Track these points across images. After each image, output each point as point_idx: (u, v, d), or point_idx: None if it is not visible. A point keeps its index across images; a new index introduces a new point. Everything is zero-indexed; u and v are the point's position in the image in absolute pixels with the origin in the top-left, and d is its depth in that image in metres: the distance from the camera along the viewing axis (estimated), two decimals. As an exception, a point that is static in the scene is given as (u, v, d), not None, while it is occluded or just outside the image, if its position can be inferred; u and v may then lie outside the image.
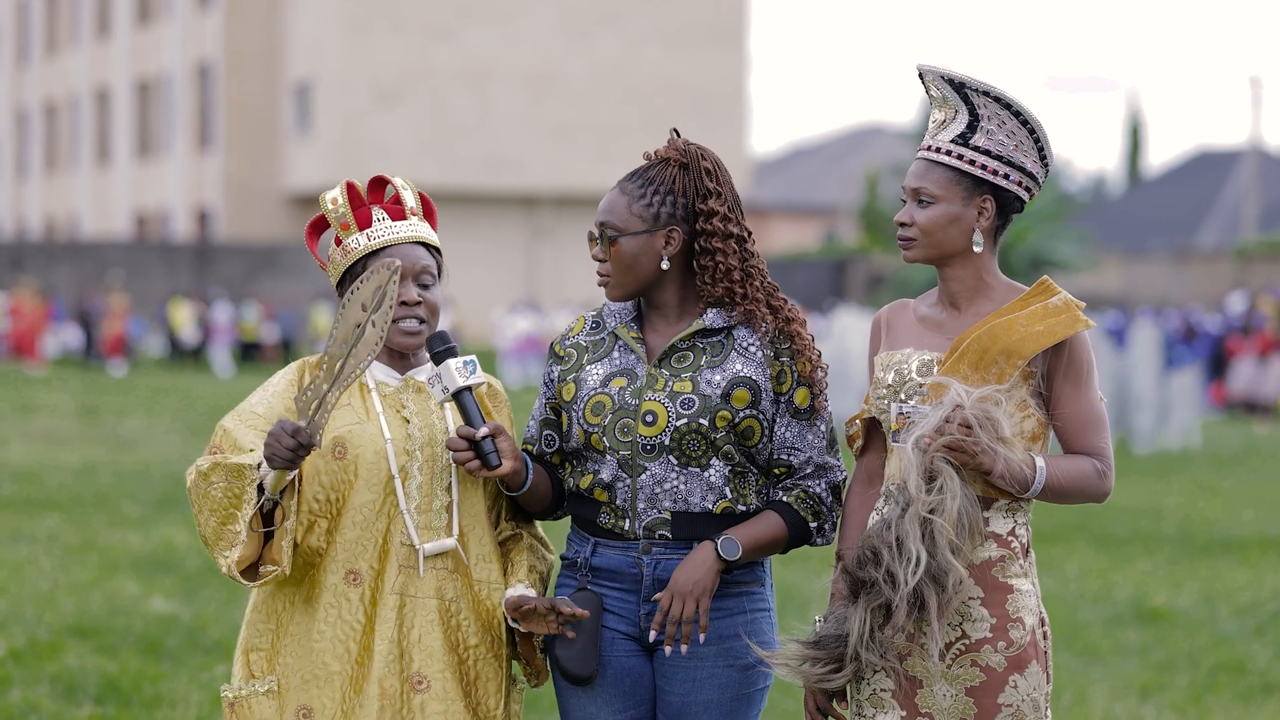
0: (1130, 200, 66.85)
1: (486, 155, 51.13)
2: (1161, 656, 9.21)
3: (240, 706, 4.10)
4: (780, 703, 7.75)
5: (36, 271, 44.36)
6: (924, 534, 3.81)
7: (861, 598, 3.88)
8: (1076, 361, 3.94)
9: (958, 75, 3.97)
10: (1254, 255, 45.90)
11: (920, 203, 3.98)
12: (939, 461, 3.81)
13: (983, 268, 4.00)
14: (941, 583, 3.81)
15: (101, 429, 22.00)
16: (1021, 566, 3.95)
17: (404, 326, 4.15)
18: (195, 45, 55.71)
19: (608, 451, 4.07)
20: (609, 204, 4.12)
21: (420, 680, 4.07)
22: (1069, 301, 3.96)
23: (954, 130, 3.97)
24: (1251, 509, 15.91)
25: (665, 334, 4.14)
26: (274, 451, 3.93)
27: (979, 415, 3.81)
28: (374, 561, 4.09)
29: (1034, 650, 3.96)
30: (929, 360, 3.97)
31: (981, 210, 3.96)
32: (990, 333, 3.91)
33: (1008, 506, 3.93)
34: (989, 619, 3.91)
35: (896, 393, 3.98)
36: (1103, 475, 3.95)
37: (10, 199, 68.71)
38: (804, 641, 3.97)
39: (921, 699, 3.93)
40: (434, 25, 50.90)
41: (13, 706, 7.47)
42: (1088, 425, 3.95)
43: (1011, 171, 3.95)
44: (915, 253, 4.00)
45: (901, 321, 4.10)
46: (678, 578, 4.00)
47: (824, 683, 3.94)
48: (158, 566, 11.25)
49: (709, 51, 52.89)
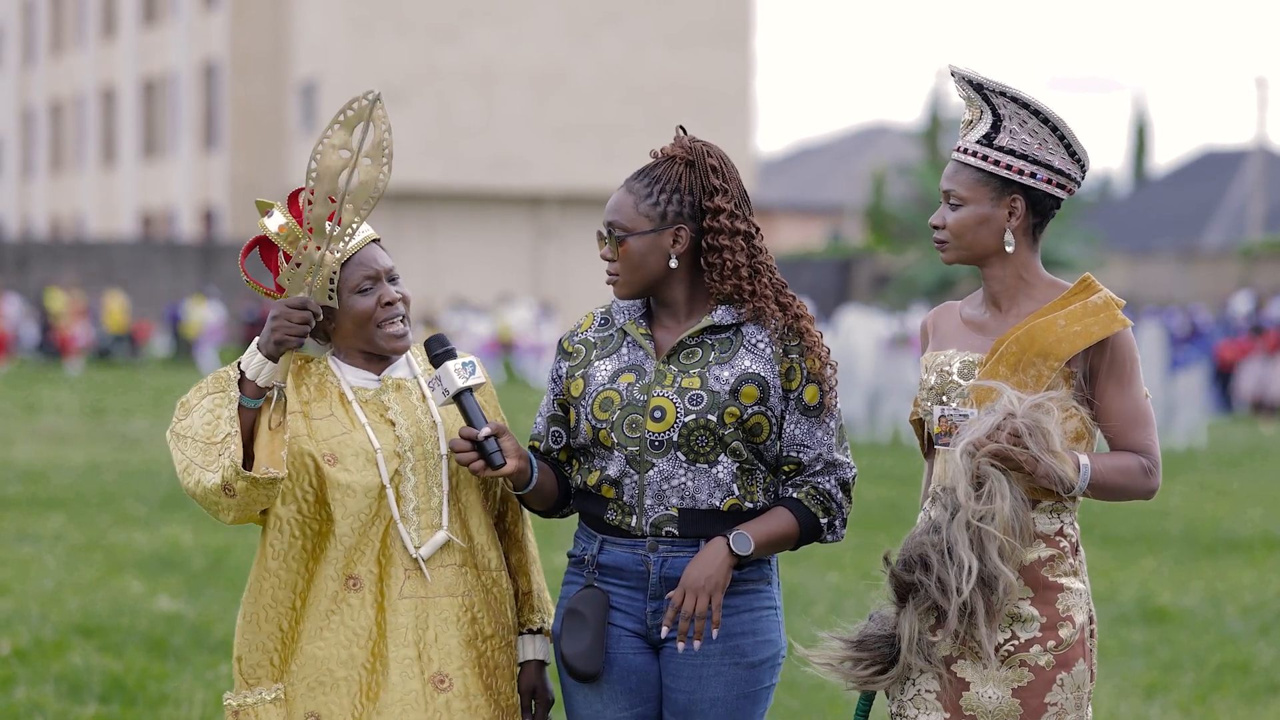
0: (1136, 200, 66.80)
1: (492, 155, 51.14)
2: (1167, 656, 9.20)
3: (245, 714, 4.08)
4: (785, 701, 7.75)
5: (41, 271, 44.39)
6: (973, 540, 3.81)
7: (910, 602, 3.87)
8: (1120, 360, 3.94)
9: (977, 77, 3.99)
10: (1260, 255, 45.85)
11: (951, 204, 3.99)
12: (986, 467, 3.81)
13: (1022, 267, 4.00)
14: (991, 587, 3.80)
15: (107, 428, 22.01)
16: (1071, 565, 3.94)
17: (390, 330, 4.11)
18: (201, 45, 55.74)
19: (615, 447, 4.06)
20: (616, 203, 4.12)
21: (443, 679, 4.06)
22: (1109, 300, 3.96)
23: (979, 131, 3.98)
24: (1257, 509, 15.90)
25: (674, 331, 4.14)
26: (284, 329, 3.90)
27: (1030, 424, 3.80)
28: (373, 566, 4.06)
29: (1081, 648, 3.94)
30: (970, 361, 3.97)
31: (1011, 210, 3.95)
32: (1029, 334, 3.91)
33: (1052, 507, 3.93)
34: (1039, 618, 3.90)
35: (939, 395, 3.99)
36: (1149, 472, 3.94)
37: (16, 198, 68.75)
38: (847, 640, 3.97)
39: (966, 701, 3.92)
40: (439, 26, 50.91)
41: (18, 705, 7.47)
42: (1133, 423, 3.94)
43: (1039, 170, 3.94)
44: (949, 254, 4.01)
45: (947, 323, 4.11)
46: (690, 573, 3.99)
47: (869, 684, 3.94)
48: (163, 565, 11.25)
49: (714, 51, 52.89)
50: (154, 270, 45.73)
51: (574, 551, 4.20)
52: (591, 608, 4.08)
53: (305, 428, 4.07)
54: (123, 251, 46.62)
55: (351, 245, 4.07)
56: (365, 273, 4.08)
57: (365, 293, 4.08)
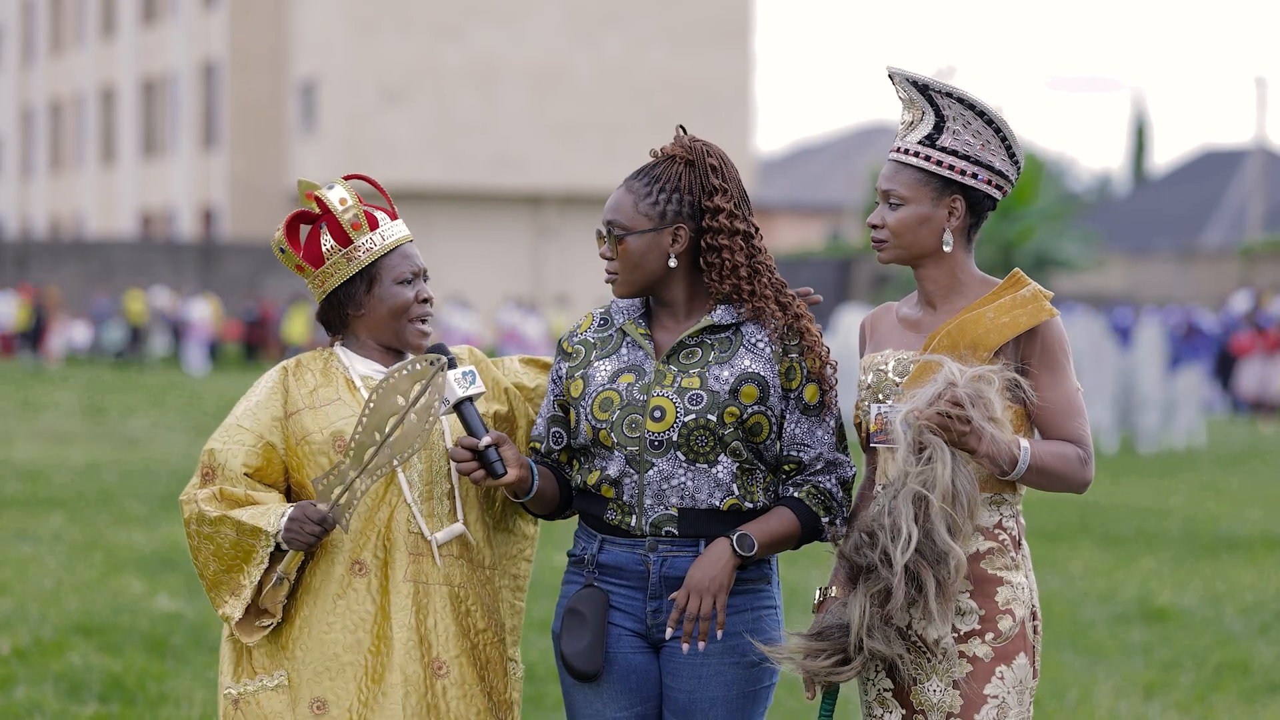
0: (1135, 200, 66.81)
1: (492, 154, 51.12)
2: (1166, 655, 9.20)
3: (247, 703, 4.09)
4: (786, 701, 7.75)
5: (42, 271, 44.40)
6: (917, 512, 3.82)
7: (860, 584, 3.88)
8: (1050, 350, 3.96)
9: (921, 78, 4.01)
10: (1259, 254, 45.86)
11: (890, 204, 4.02)
12: (928, 435, 3.82)
13: (956, 266, 4.04)
14: (941, 563, 3.81)
15: (107, 427, 22.01)
16: (1012, 559, 3.96)
17: (422, 326, 4.20)
18: (201, 44, 55.73)
19: (616, 447, 4.07)
20: (615, 203, 4.12)
21: (440, 665, 4.09)
22: (1037, 292, 3.98)
23: (921, 131, 4.00)
24: (1257, 508, 15.91)
25: (673, 331, 4.14)
26: (296, 536, 3.97)
27: (971, 393, 3.82)
28: (378, 550, 4.10)
29: (1022, 642, 3.96)
30: (905, 359, 4.00)
31: (951, 210, 3.99)
32: (959, 327, 3.95)
33: (991, 499, 3.95)
34: (978, 611, 3.92)
35: (875, 394, 4.02)
36: (1084, 462, 3.95)
37: (16, 198, 68.74)
38: (806, 634, 3.98)
39: (915, 696, 3.95)
40: (440, 24, 50.90)
41: (18, 705, 7.47)
42: (1066, 413, 3.96)
43: (980, 170, 3.98)
44: (887, 254, 4.05)
45: (884, 324, 4.15)
46: (694, 574, 4.00)
47: (833, 676, 3.94)
48: (162, 565, 11.25)
49: (714, 51, 52.88)
50: (154, 269, 45.73)
51: (573, 551, 4.20)
52: (591, 607, 4.08)
53: (311, 419, 4.12)
54: (122, 251, 46.62)
55: (398, 237, 4.18)
56: (410, 267, 4.19)
57: (407, 284, 4.17)
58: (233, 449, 4.09)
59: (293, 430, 4.13)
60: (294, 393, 4.16)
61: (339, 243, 4.15)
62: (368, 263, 4.15)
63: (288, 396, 4.16)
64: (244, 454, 4.09)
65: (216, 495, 4.08)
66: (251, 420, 4.13)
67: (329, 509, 3.97)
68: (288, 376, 4.19)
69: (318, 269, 4.17)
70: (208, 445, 4.14)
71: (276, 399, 4.15)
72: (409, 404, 3.95)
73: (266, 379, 4.21)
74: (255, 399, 4.17)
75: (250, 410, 4.15)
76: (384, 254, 4.16)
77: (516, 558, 4.36)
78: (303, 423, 4.12)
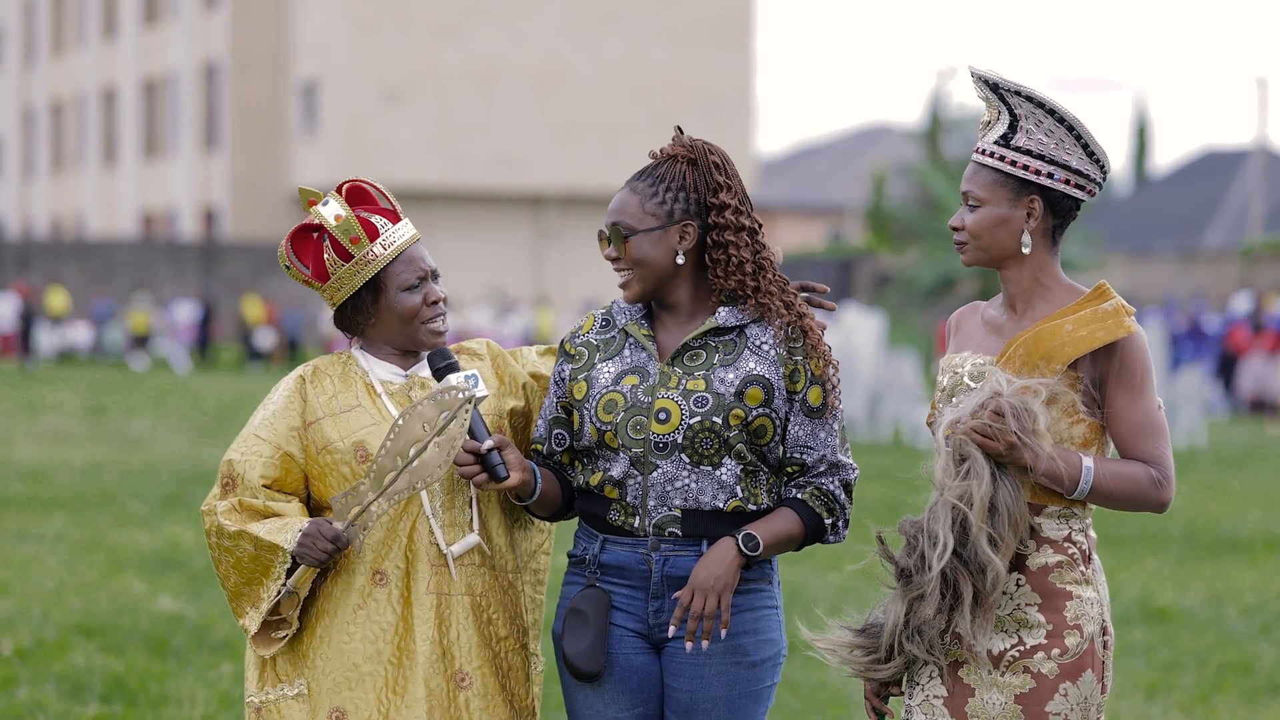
0: (1137, 200, 66.78)
1: (493, 155, 51.13)
2: (1168, 656, 9.20)
3: (268, 711, 4.08)
4: (786, 701, 7.75)
5: (43, 271, 44.41)
6: (954, 520, 3.79)
7: (899, 586, 3.87)
8: (1129, 367, 3.89)
9: (993, 76, 3.96)
10: (1260, 255, 45.83)
11: (970, 205, 3.96)
12: (968, 447, 3.78)
13: (1039, 269, 3.97)
14: (977, 573, 3.78)
15: (108, 428, 22.01)
16: (1082, 573, 3.90)
17: (434, 327, 4.18)
18: (202, 45, 55.73)
19: (620, 449, 4.06)
20: (620, 203, 4.12)
21: (464, 677, 4.08)
22: (1119, 307, 3.91)
23: (997, 132, 3.95)
24: (1258, 509, 15.91)
25: (677, 332, 4.13)
26: (309, 553, 3.96)
27: (1015, 405, 3.78)
28: (400, 561, 4.08)
29: (1090, 658, 3.89)
30: (981, 363, 3.95)
31: (1030, 211, 3.92)
32: (1036, 337, 3.89)
33: (1060, 512, 3.89)
34: (1045, 625, 3.86)
35: (949, 396, 3.97)
36: (1158, 484, 3.88)
37: (17, 199, 68.75)
38: (852, 628, 3.97)
39: (971, 708, 3.88)
40: (441, 25, 50.91)
41: (19, 705, 7.47)
42: (1142, 432, 3.89)
43: (1056, 170, 3.91)
44: (968, 256, 3.99)
45: (969, 324, 4.09)
46: (699, 573, 3.99)
47: (870, 672, 3.93)
48: (164, 565, 11.25)
49: (715, 51, 52.89)
50: (154, 270, 45.74)
51: (575, 551, 4.20)
52: (593, 607, 4.08)
53: (333, 427, 4.10)
54: (123, 251, 46.63)
55: (400, 242, 4.15)
56: (416, 271, 4.16)
57: (413, 289, 4.15)
58: (250, 460, 4.08)
59: (313, 439, 4.11)
60: (312, 401, 4.13)
61: (340, 258, 4.13)
62: (371, 275, 4.13)
63: (305, 405, 4.13)
64: (261, 465, 4.07)
65: (236, 507, 4.07)
66: (269, 431, 4.11)
67: (344, 528, 3.96)
68: (305, 384, 4.16)
69: (324, 283, 4.15)
70: (226, 455, 4.12)
71: (294, 408, 4.13)
72: (433, 432, 3.94)
73: (283, 386, 4.18)
74: (272, 408, 4.15)
75: (267, 420, 4.13)
76: (388, 262, 4.14)
77: (535, 553, 4.35)
78: (324, 431, 4.10)
